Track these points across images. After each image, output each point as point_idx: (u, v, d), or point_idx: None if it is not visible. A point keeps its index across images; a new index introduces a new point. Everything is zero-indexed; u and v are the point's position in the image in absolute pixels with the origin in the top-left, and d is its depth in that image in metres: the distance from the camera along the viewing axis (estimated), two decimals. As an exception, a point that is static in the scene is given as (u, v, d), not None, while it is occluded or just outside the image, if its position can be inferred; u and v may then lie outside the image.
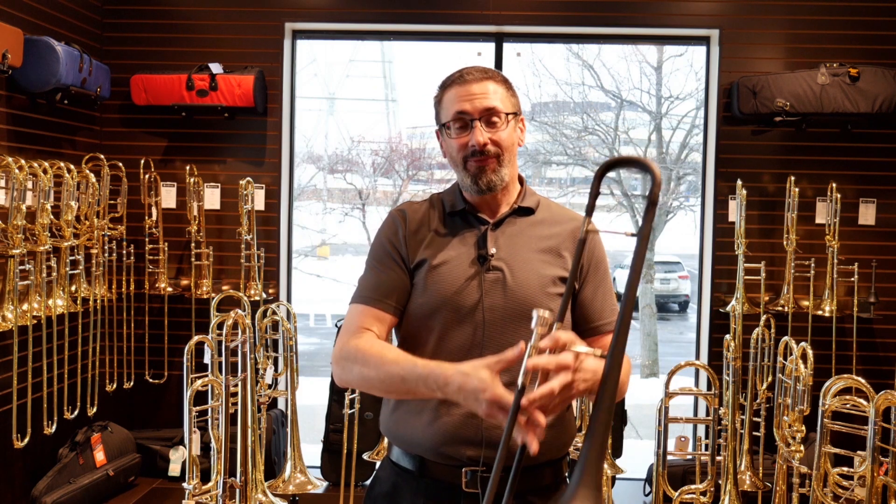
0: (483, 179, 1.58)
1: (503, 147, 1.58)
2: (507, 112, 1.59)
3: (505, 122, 1.59)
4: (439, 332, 1.56)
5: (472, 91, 1.58)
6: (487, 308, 1.54)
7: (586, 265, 1.63)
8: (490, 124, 1.58)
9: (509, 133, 1.60)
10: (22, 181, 3.12)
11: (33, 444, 3.33)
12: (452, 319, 1.55)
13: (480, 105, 1.57)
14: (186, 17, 4.19)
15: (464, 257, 1.59)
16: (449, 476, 1.54)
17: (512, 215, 1.64)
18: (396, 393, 1.52)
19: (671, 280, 12.52)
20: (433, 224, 1.64)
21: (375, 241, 1.67)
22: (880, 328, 4.01)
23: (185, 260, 4.16)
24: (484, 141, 1.56)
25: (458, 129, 1.59)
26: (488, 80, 1.60)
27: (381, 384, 1.48)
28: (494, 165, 1.58)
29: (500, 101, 1.59)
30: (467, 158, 1.58)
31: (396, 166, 10.47)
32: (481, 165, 1.57)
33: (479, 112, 1.57)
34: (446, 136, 1.62)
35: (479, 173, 1.58)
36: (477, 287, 1.56)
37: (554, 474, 1.60)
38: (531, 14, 4.13)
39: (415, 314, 1.59)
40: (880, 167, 4.03)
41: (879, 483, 2.45)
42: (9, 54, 3.19)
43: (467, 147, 1.57)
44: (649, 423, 4.31)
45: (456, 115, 1.58)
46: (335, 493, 3.63)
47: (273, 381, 3.64)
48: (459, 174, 1.62)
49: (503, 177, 1.59)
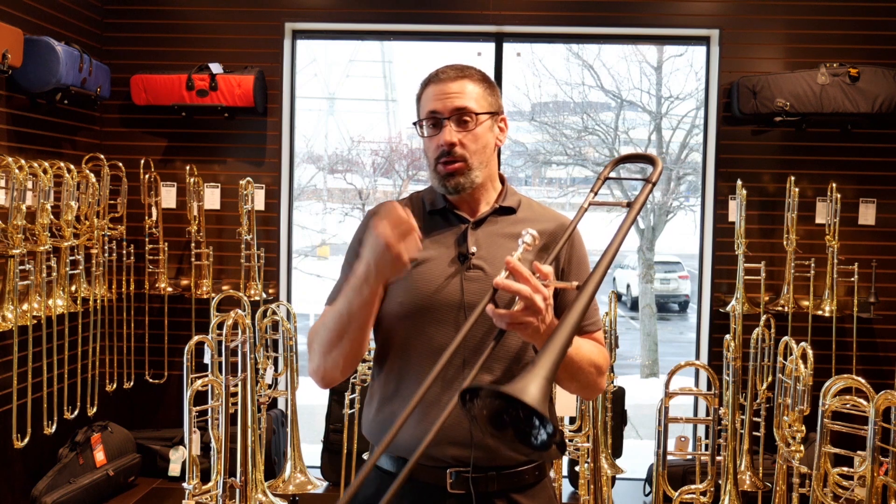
0: (451, 182, 1.57)
1: (475, 148, 1.57)
2: (480, 112, 1.58)
3: (476, 122, 1.57)
4: (419, 332, 1.55)
5: (445, 90, 1.57)
6: (468, 307, 1.53)
7: (568, 264, 1.62)
8: (461, 123, 1.57)
9: (482, 133, 1.58)
10: (22, 181, 3.12)
11: (33, 444, 3.33)
12: (432, 318, 1.54)
13: (451, 104, 1.56)
14: (186, 17, 4.19)
15: (444, 256, 1.58)
16: (434, 478, 1.53)
17: (493, 214, 1.63)
18: (351, 334, 1.50)
19: (671, 280, 12.51)
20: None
21: (351, 242, 1.68)
22: (880, 328, 4.01)
23: (185, 260, 4.16)
24: (451, 141, 1.55)
25: (430, 128, 1.59)
26: (464, 78, 1.59)
27: (336, 336, 1.51)
28: (463, 168, 1.56)
29: (473, 100, 1.57)
30: (437, 160, 1.57)
31: (396, 166, 10.46)
32: (449, 169, 1.56)
33: (450, 111, 1.56)
34: (420, 134, 1.62)
35: (448, 175, 1.57)
36: (457, 286, 1.55)
37: (537, 471, 1.60)
38: (531, 14, 4.13)
39: (394, 313, 1.57)
40: (880, 167, 4.03)
41: (879, 483, 2.45)
42: (9, 54, 3.19)
43: (438, 146, 1.57)
44: (649, 423, 4.31)
45: (428, 114, 1.58)
46: (335, 493, 3.63)
47: (273, 381, 3.64)
48: (430, 174, 1.61)
49: (473, 179, 1.58)
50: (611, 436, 3.57)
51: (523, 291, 1.32)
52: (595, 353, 1.56)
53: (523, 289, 1.32)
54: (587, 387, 1.58)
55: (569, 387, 1.59)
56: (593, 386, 1.59)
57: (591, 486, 3.19)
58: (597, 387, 1.59)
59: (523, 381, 1.13)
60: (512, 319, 1.33)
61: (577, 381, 1.55)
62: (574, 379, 1.55)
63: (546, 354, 1.19)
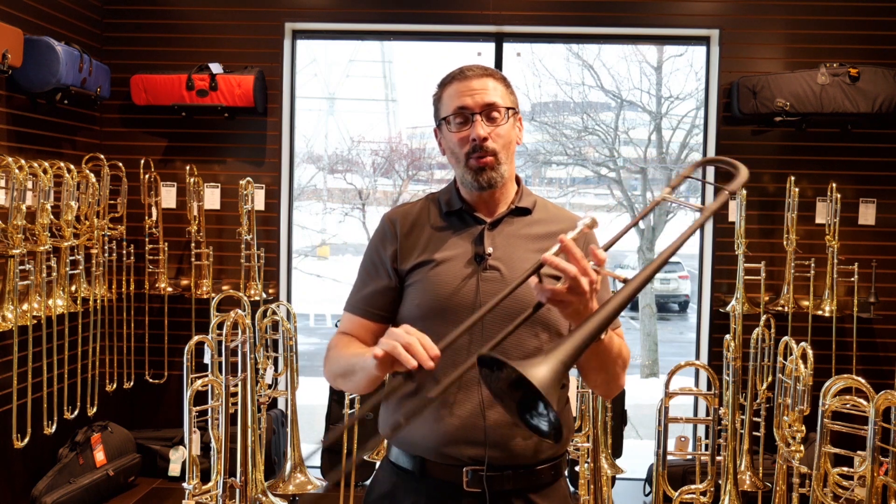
0: (483, 176, 1.58)
1: (503, 143, 1.59)
2: (506, 107, 1.60)
3: (504, 117, 1.59)
4: (436, 333, 1.55)
5: (473, 87, 1.59)
6: None
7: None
8: (490, 119, 1.58)
9: (508, 129, 1.61)
10: (22, 181, 3.12)
11: (33, 444, 3.33)
12: (450, 319, 1.54)
13: (481, 100, 1.58)
14: (186, 17, 4.19)
15: (460, 257, 1.59)
16: (450, 476, 1.54)
17: (509, 215, 1.64)
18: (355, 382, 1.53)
19: (671, 280, 12.51)
20: (428, 224, 1.65)
21: (367, 247, 1.70)
22: (880, 328, 4.01)
23: (185, 260, 4.16)
24: (484, 134, 1.56)
25: (458, 124, 1.59)
26: (488, 77, 1.61)
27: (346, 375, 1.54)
28: (493, 162, 1.58)
29: (499, 97, 1.60)
30: (469, 155, 1.58)
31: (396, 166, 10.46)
32: (482, 163, 1.57)
33: (480, 107, 1.57)
34: (446, 130, 1.62)
35: (480, 170, 1.58)
36: (474, 287, 1.56)
37: (553, 471, 1.60)
38: (531, 14, 4.13)
39: (411, 315, 1.58)
40: (880, 167, 4.03)
41: (879, 483, 2.45)
42: (9, 54, 3.19)
43: (468, 141, 1.58)
44: (649, 423, 4.31)
45: (457, 110, 1.59)
46: (335, 493, 3.63)
47: (273, 381, 3.64)
48: (459, 170, 1.62)
49: (503, 173, 1.60)
50: (611, 436, 3.56)
51: (570, 271, 1.30)
52: (623, 347, 1.57)
53: (570, 268, 1.30)
54: (612, 380, 1.57)
55: (596, 379, 1.58)
56: (616, 380, 1.57)
57: (591, 486, 3.19)
58: (619, 382, 1.59)
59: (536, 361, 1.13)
60: (554, 296, 1.32)
61: (606, 372, 1.54)
62: (604, 369, 1.54)
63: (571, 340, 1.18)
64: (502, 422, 1.52)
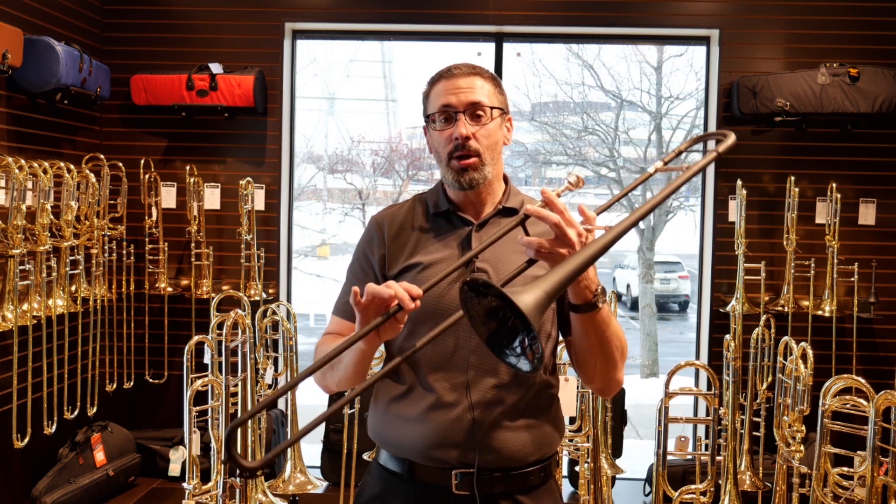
0: (465, 177, 1.57)
1: (487, 143, 1.58)
2: (492, 107, 1.59)
3: (489, 117, 1.58)
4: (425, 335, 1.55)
5: (459, 85, 1.58)
6: None
7: None
8: (474, 118, 1.57)
9: (494, 129, 1.59)
10: (22, 181, 3.12)
11: (33, 444, 3.33)
12: (438, 323, 1.54)
13: (466, 99, 1.57)
14: (186, 17, 4.19)
15: (448, 260, 1.58)
16: (438, 479, 1.53)
17: (496, 216, 1.63)
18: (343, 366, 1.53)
19: (671, 280, 12.52)
20: (416, 226, 1.64)
21: (355, 250, 1.69)
22: (880, 328, 4.01)
23: (185, 260, 4.16)
24: (467, 133, 1.55)
25: (442, 122, 1.59)
26: (475, 75, 1.60)
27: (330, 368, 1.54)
28: (477, 163, 1.57)
29: (485, 96, 1.59)
30: (451, 154, 1.57)
31: (396, 166, 10.46)
32: (464, 164, 1.56)
33: (464, 105, 1.57)
34: (432, 129, 1.62)
35: (462, 170, 1.57)
36: None
37: (543, 472, 1.60)
38: (531, 14, 4.13)
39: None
40: (880, 167, 4.03)
41: (879, 483, 2.45)
42: (9, 54, 3.19)
43: (451, 140, 1.57)
44: (649, 423, 4.31)
45: (441, 108, 1.58)
46: (335, 493, 3.63)
47: (273, 381, 3.64)
48: (442, 169, 1.61)
49: (486, 174, 1.58)
50: (611, 436, 3.56)
51: (552, 219, 1.30)
52: (620, 331, 1.51)
53: (553, 216, 1.31)
54: (611, 368, 1.50)
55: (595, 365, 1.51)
56: (615, 369, 1.51)
57: (591, 486, 3.19)
58: (617, 373, 1.53)
59: (522, 289, 1.14)
60: (541, 247, 1.32)
61: (603, 352, 1.48)
62: (602, 350, 1.47)
63: (556, 272, 1.18)
64: (491, 424, 1.52)
